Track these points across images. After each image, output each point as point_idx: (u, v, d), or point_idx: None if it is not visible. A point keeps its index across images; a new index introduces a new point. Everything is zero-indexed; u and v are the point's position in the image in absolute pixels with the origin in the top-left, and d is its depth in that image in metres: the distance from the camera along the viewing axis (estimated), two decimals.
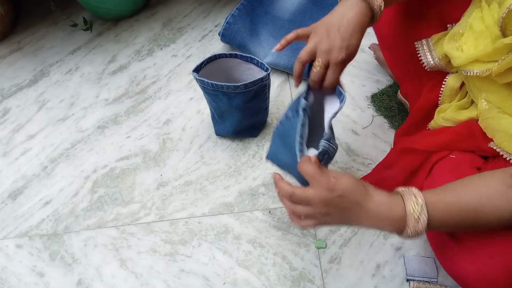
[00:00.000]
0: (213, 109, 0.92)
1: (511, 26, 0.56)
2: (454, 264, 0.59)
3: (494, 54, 0.59)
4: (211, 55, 0.84)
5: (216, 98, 0.85)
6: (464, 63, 0.64)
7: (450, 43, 0.69)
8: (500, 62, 0.57)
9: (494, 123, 0.64)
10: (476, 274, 0.56)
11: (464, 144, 0.69)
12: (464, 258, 0.57)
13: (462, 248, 0.58)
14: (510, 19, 0.56)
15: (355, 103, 1.00)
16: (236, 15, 1.10)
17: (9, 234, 0.89)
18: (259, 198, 0.87)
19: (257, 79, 0.81)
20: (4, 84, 1.16)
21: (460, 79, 0.71)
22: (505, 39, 0.56)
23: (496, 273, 0.54)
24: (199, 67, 0.83)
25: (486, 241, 0.56)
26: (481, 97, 0.66)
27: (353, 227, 0.82)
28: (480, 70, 0.62)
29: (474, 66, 0.63)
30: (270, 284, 0.77)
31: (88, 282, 0.81)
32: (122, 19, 1.28)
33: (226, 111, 0.88)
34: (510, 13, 0.55)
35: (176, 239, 0.84)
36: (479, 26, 0.64)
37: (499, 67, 0.57)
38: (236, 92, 0.82)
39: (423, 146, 0.73)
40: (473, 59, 0.63)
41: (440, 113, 0.74)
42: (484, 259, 0.55)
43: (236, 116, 0.89)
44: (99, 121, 1.05)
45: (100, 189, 0.93)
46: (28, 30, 1.29)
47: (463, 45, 0.66)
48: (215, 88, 0.82)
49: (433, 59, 0.73)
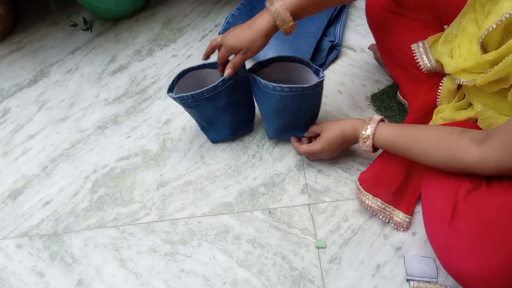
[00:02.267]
0: (200, 120, 0.90)
1: (492, 44, 0.58)
2: (454, 263, 0.59)
3: (477, 67, 0.60)
4: (180, 71, 0.83)
5: (200, 108, 0.84)
6: (453, 71, 0.65)
7: (444, 45, 0.69)
8: (483, 76, 0.58)
9: (494, 122, 0.64)
10: (476, 273, 0.56)
11: None
12: (464, 257, 0.58)
13: (463, 247, 0.58)
14: (489, 39, 0.57)
15: (355, 103, 1.00)
16: (236, 15, 1.10)
17: (9, 234, 0.89)
18: (259, 198, 0.87)
19: None
20: (4, 84, 1.16)
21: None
22: (485, 56, 0.58)
23: (495, 272, 0.54)
24: (171, 86, 0.82)
25: (486, 239, 0.56)
26: (476, 100, 0.66)
27: (353, 228, 0.82)
28: (466, 80, 0.63)
29: (461, 75, 0.64)
30: (270, 284, 0.77)
31: (88, 282, 0.81)
32: (122, 19, 1.28)
33: (215, 116, 0.87)
34: (489, 34, 0.56)
35: (176, 239, 0.84)
36: (472, 29, 0.64)
37: (482, 80, 0.59)
38: (218, 93, 0.81)
39: None
40: (461, 69, 0.64)
41: (439, 114, 0.74)
42: (484, 258, 0.56)
43: (227, 116, 0.88)
44: (99, 121, 1.05)
45: (100, 189, 0.93)
46: (28, 30, 1.29)
47: (457, 48, 0.67)
48: (196, 98, 0.80)
49: (430, 61, 0.73)
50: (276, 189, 0.88)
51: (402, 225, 0.79)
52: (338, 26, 1.12)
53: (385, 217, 0.80)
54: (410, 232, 0.80)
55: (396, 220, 0.79)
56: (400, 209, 0.79)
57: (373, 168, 0.82)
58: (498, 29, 0.55)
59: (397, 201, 0.79)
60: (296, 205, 0.86)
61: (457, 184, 0.63)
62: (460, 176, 0.64)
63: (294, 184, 0.88)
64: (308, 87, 0.76)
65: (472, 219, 0.59)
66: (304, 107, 0.82)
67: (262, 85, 0.78)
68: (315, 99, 0.83)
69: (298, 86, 0.76)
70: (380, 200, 0.79)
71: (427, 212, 0.69)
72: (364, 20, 1.15)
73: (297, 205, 0.86)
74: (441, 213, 0.64)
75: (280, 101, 0.79)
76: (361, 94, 1.01)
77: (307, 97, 0.79)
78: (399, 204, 0.79)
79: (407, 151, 0.69)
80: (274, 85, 0.76)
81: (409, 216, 0.79)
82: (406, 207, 0.79)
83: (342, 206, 0.84)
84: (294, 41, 1.05)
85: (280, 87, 0.76)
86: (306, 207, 0.85)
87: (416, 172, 0.80)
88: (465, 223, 0.60)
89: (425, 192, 0.71)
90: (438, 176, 0.67)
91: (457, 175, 0.64)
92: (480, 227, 0.58)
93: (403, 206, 0.79)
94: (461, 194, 0.62)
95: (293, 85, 0.76)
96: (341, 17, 1.14)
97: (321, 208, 0.85)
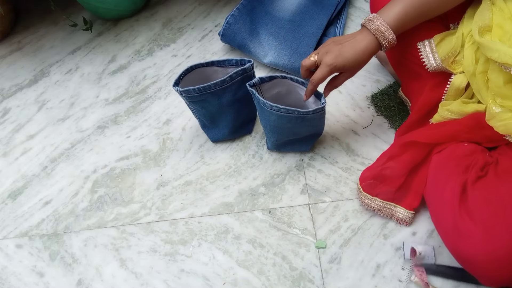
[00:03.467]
0: (202, 117, 0.90)
1: None
2: (463, 247, 0.59)
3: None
4: (188, 67, 0.83)
5: (204, 103, 0.84)
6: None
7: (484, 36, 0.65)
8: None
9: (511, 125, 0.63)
10: (486, 256, 0.56)
11: (470, 135, 0.69)
12: (474, 240, 0.58)
13: (473, 230, 0.58)
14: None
15: (355, 103, 1.00)
16: (236, 15, 1.10)
17: (9, 234, 0.89)
18: (259, 198, 0.87)
19: (240, 69, 0.81)
20: (4, 84, 1.16)
21: (466, 79, 0.70)
22: None
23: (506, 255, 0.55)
24: (178, 80, 0.82)
25: (497, 222, 0.56)
26: (492, 101, 0.65)
27: (353, 228, 0.82)
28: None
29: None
30: (270, 284, 0.77)
31: (88, 282, 0.81)
32: (122, 19, 1.28)
33: (218, 112, 0.87)
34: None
35: (176, 239, 0.84)
36: (510, 25, 0.62)
37: None
38: (225, 88, 0.82)
39: (427, 139, 0.72)
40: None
41: (445, 106, 0.73)
42: (495, 240, 0.56)
43: (230, 114, 0.88)
44: (99, 121, 1.05)
45: (100, 189, 0.93)
46: (28, 30, 1.29)
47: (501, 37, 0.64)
48: (203, 92, 0.80)
49: (436, 61, 0.72)
50: (276, 189, 0.88)
51: (405, 220, 0.79)
52: (338, 26, 1.12)
53: (386, 215, 0.80)
54: (410, 232, 0.80)
55: (398, 216, 0.79)
56: (402, 205, 0.78)
57: (373, 168, 0.81)
58: None
59: (400, 197, 0.78)
60: (296, 205, 0.86)
61: (467, 169, 0.63)
62: (470, 162, 0.63)
63: (294, 184, 0.88)
64: (307, 111, 0.75)
65: (482, 202, 0.59)
66: (303, 128, 0.81)
67: (260, 102, 0.77)
68: (316, 122, 0.81)
69: (295, 109, 0.74)
70: (379, 200, 0.79)
71: (434, 196, 0.69)
72: None
73: (297, 205, 0.86)
74: (451, 196, 0.64)
75: (278, 120, 0.79)
76: (361, 94, 1.01)
77: (307, 120, 0.78)
78: (402, 200, 0.78)
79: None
80: (272, 104, 0.75)
81: (411, 212, 0.78)
82: (410, 203, 0.78)
83: (342, 206, 0.84)
84: (294, 41, 1.05)
85: (277, 107, 0.75)
86: (306, 207, 0.85)
87: (423, 166, 0.78)
88: (476, 205, 0.60)
89: (433, 177, 0.71)
90: (449, 160, 0.67)
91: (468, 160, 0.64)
92: (491, 209, 0.58)
93: (407, 202, 0.78)
94: (471, 178, 0.62)
95: (290, 107, 0.74)
96: (341, 17, 1.14)
97: (321, 208, 0.85)
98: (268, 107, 0.76)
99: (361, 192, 0.81)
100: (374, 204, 0.80)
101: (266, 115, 0.80)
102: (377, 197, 0.79)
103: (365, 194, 0.80)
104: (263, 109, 0.79)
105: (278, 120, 0.78)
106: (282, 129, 0.82)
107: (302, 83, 0.79)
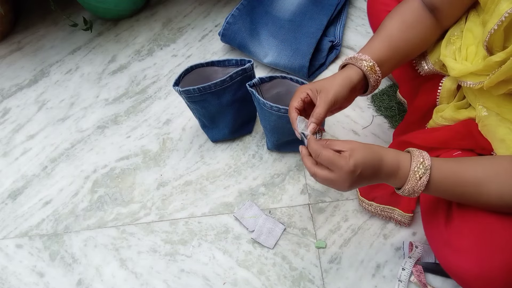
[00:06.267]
0: (201, 117, 0.90)
1: (496, 47, 0.58)
2: (454, 263, 0.59)
3: (485, 70, 0.60)
4: (188, 67, 0.83)
5: (204, 103, 0.84)
6: (459, 75, 0.65)
7: (447, 48, 0.69)
8: (490, 76, 0.58)
9: (491, 131, 0.64)
10: (476, 273, 0.56)
11: (463, 142, 0.69)
12: (464, 257, 0.57)
13: (462, 248, 0.58)
14: (493, 41, 0.57)
15: (355, 103, 0.99)
16: (236, 15, 1.10)
17: (9, 234, 0.89)
18: (259, 198, 0.87)
19: (240, 69, 0.81)
20: (4, 84, 1.16)
21: (456, 81, 0.71)
22: (494, 57, 0.57)
23: (495, 273, 0.54)
24: (178, 80, 0.82)
25: (486, 239, 0.56)
26: (478, 104, 0.66)
27: (353, 228, 0.82)
28: (473, 82, 0.63)
29: (468, 78, 0.64)
30: (270, 284, 0.77)
31: (88, 282, 0.81)
32: (122, 19, 1.28)
33: (218, 112, 0.87)
34: (492, 36, 0.56)
35: (176, 239, 0.84)
36: (479, 31, 0.64)
37: (490, 81, 0.59)
38: (225, 88, 0.82)
39: (421, 142, 0.73)
40: (468, 72, 0.63)
41: (439, 112, 0.74)
42: (484, 258, 0.56)
43: (229, 114, 0.88)
44: (99, 121, 1.05)
45: (100, 189, 0.93)
46: (28, 30, 1.29)
47: (460, 50, 0.67)
48: (203, 92, 0.81)
49: (427, 64, 0.73)
50: (276, 189, 0.88)
51: (404, 222, 0.79)
52: (338, 26, 1.12)
53: (385, 217, 0.80)
54: (410, 232, 0.80)
55: (396, 218, 0.79)
56: (399, 208, 0.79)
57: None
58: (499, 30, 0.55)
59: (396, 200, 0.79)
60: (296, 205, 0.86)
61: None
62: None
63: (294, 184, 0.89)
64: None
65: (471, 220, 0.59)
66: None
67: (260, 102, 0.77)
68: None
69: None
70: (375, 204, 0.79)
71: (426, 212, 0.69)
72: (364, 20, 1.15)
73: (297, 205, 0.86)
74: (440, 213, 0.64)
75: (278, 120, 0.79)
76: None
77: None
78: (399, 203, 0.79)
79: (468, 198, 0.57)
80: (272, 105, 0.75)
81: (409, 214, 0.78)
82: (406, 205, 0.79)
83: (342, 206, 0.84)
84: (294, 41, 1.05)
85: (277, 108, 0.75)
86: (306, 207, 0.85)
87: None
88: (464, 223, 0.60)
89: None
90: None
91: None
92: (480, 227, 0.58)
93: (403, 205, 0.79)
94: None
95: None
96: (341, 17, 1.14)
97: (321, 208, 0.85)
98: (268, 107, 0.76)
99: (358, 196, 0.82)
100: (371, 208, 0.80)
101: (266, 115, 0.80)
102: (373, 202, 0.80)
103: (362, 198, 0.81)
104: (263, 109, 0.79)
105: (278, 120, 0.79)
106: (282, 129, 0.82)
107: (302, 83, 0.79)
